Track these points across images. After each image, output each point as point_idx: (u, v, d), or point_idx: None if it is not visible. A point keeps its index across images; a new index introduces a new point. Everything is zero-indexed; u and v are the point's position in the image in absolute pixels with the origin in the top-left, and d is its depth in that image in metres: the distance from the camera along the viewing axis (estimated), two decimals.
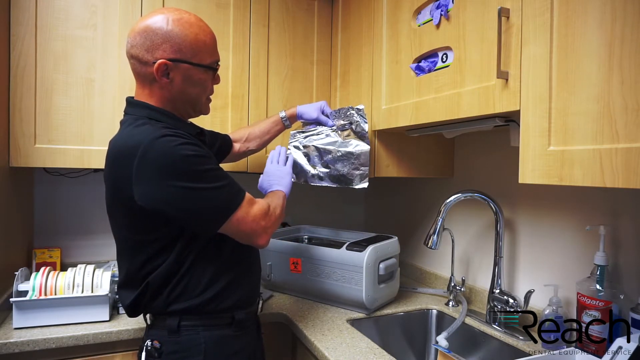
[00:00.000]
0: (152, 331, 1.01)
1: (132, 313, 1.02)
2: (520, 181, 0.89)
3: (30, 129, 1.36)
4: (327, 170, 1.37)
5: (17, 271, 1.26)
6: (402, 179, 1.91)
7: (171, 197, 0.89)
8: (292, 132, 1.48)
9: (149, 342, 0.98)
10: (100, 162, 1.41)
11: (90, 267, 1.32)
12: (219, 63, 1.06)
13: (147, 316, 1.04)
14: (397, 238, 1.53)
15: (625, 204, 1.05)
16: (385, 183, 2.03)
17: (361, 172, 1.35)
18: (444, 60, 1.14)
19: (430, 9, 1.18)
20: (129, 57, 0.98)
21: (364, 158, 1.34)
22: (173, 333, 0.97)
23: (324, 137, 1.40)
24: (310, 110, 1.43)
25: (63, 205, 1.68)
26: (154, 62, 0.94)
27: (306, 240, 1.74)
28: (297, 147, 1.43)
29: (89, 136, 1.42)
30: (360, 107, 1.40)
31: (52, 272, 1.28)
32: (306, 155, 1.41)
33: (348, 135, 1.38)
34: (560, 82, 0.81)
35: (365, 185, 1.33)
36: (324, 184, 1.39)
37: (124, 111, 1.03)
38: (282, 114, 1.45)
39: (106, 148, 0.99)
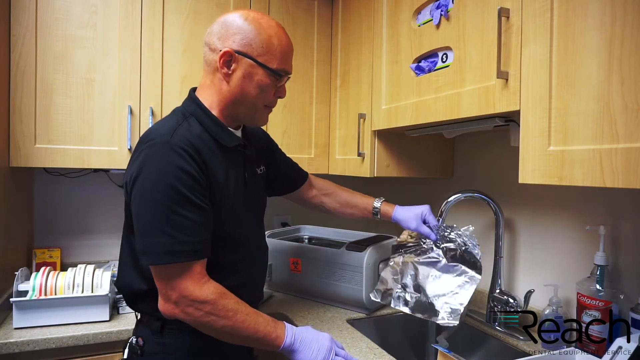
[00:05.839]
0: (139, 327, 1.01)
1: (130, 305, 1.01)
2: (520, 181, 0.89)
3: (30, 129, 1.36)
4: (417, 295, 1.13)
5: (17, 271, 1.26)
6: (402, 179, 1.91)
7: (135, 198, 0.88)
8: (393, 244, 1.30)
9: (133, 339, 0.98)
10: (100, 162, 1.41)
11: (90, 267, 1.32)
12: (289, 75, 1.01)
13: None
14: (397, 238, 1.52)
15: (625, 204, 1.05)
16: (385, 183, 2.03)
17: (455, 308, 1.06)
18: (444, 60, 1.14)
19: (430, 9, 1.18)
20: (204, 44, 0.98)
21: (466, 293, 1.07)
22: (156, 334, 0.96)
23: (426, 254, 1.19)
24: (409, 218, 1.22)
25: (63, 205, 1.68)
26: (221, 50, 0.93)
27: (306, 240, 1.74)
28: (393, 263, 1.23)
29: (89, 136, 1.42)
30: (470, 228, 1.18)
31: (52, 272, 1.28)
32: (401, 272, 1.19)
33: (453, 257, 1.15)
34: (560, 82, 0.81)
35: (455, 322, 1.04)
36: (404, 310, 1.13)
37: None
38: (377, 204, 1.28)
39: (106, 148, 0.99)
